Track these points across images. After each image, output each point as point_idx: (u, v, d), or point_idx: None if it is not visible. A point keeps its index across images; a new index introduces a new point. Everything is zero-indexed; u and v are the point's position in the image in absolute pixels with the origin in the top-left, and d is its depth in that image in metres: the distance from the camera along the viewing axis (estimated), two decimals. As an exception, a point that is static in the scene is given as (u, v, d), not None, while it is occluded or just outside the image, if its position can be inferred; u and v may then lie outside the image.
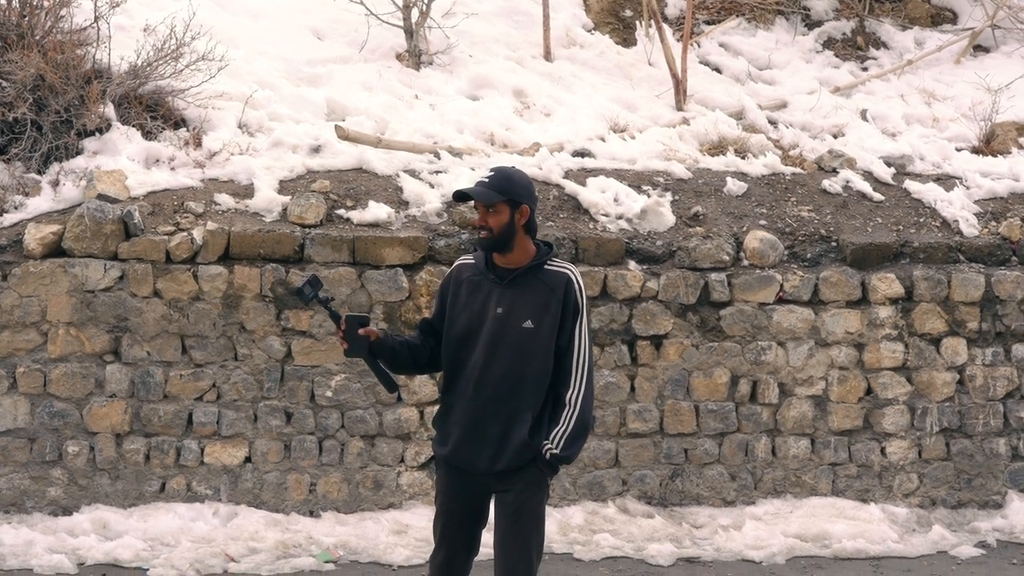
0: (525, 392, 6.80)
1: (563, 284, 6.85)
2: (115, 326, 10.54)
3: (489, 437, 6.81)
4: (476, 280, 6.95)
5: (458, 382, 6.92)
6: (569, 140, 12.66)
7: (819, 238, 11.65)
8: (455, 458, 6.91)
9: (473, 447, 6.84)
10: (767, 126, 13.79)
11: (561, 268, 6.94)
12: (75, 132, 11.37)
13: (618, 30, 16.22)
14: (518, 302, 6.82)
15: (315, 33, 14.53)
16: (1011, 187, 12.69)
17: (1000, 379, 11.56)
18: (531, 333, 6.78)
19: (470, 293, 6.93)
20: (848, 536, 10.69)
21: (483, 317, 6.85)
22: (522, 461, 6.80)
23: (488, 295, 6.88)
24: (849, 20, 16.80)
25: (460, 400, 6.89)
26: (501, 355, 6.80)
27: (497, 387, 6.80)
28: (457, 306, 6.96)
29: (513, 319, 6.80)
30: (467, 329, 6.89)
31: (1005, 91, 14.49)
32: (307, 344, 10.73)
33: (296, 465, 10.72)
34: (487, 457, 6.82)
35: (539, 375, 6.83)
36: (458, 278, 7.02)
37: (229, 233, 10.68)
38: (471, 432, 6.84)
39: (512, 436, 6.79)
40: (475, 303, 6.90)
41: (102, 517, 10.30)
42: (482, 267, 6.96)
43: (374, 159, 11.79)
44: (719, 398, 11.22)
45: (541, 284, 6.85)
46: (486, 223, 6.83)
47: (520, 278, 6.88)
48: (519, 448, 6.78)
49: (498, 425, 6.80)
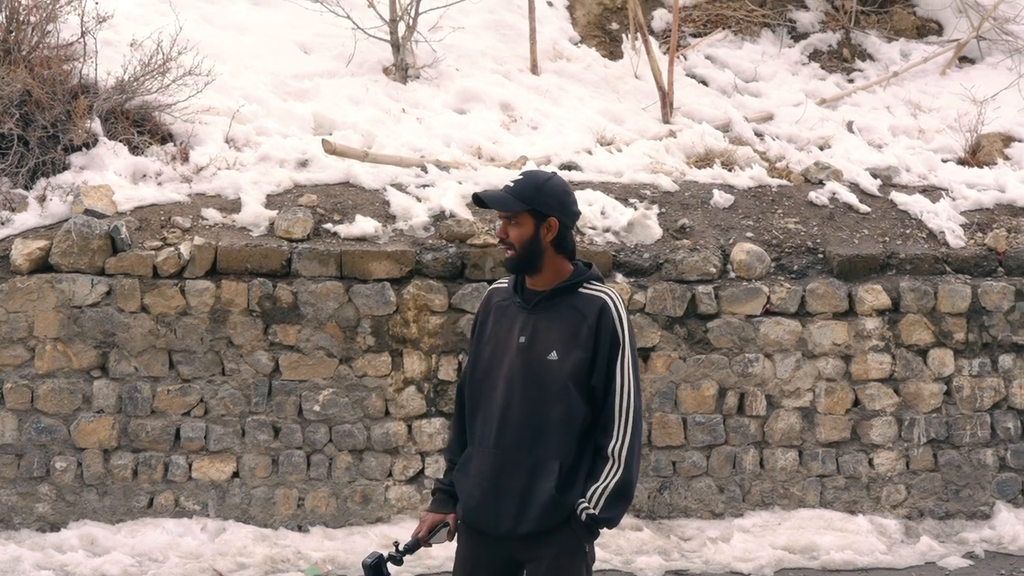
0: (550, 438, 5.77)
1: (596, 310, 5.81)
2: (102, 341, 10.53)
3: (509, 492, 5.80)
4: (504, 305, 6.01)
5: (479, 426, 5.96)
6: (556, 153, 12.67)
7: (806, 250, 11.67)
8: (473, 518, 5.93)
9: (492, 505, 5.83)
10: (754, 138, 13.83)
11: (597, 291, 5.89)
12: (62, 147, 11.36)
13: (605, 43, 16.25)
14: (542, 330, 5.83)
15: (302, 47, 14.55)
16: (997, 198, 12.73)
17: (987, 390, 11.58)
18: (555, 367, 5.77)
19: (496, 321, 6.00)
20: (836, 548, 10.70)
21: (506, 348, 5.89)
22: (550, 523, 5.76)
23: (512, 322, 5.92)
24: (835, 32, 16.84)
25: (479, 448, 5.93)
26: (523, 394, 5.80)
27: (518, 432, 5.80)
28: (484, 337, 6.03)
29: (536, 350, 5.81)
30: (489, 363, 5.94)
31: (991, 102, 14.55)
32: (295, 359, 10.72)
33: (284, 480, 10.71)
34: (509, 517, 5.79)
35: (566, 418, 5.78)
36: (488, 306, 6.10)
37: (216, 248, 10.68)
38: (490, 487, 5.84)
39: (536, 492, 5.76)
40: (500, 332, 5.95)
41: (90, 533, 10.28)
42: (511, 290, 6.03)
43: (361, 173, 11.79)
44: (707, 410, 11.22)
45: (571, 309, 5.84)
46: (506, 235, 5.90)
47: (546, 302, 5.88)
48: (546, 506, 5.74)
49: (519, 478, 5.79)
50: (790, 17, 17.01)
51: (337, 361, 10.77)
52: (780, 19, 16.88)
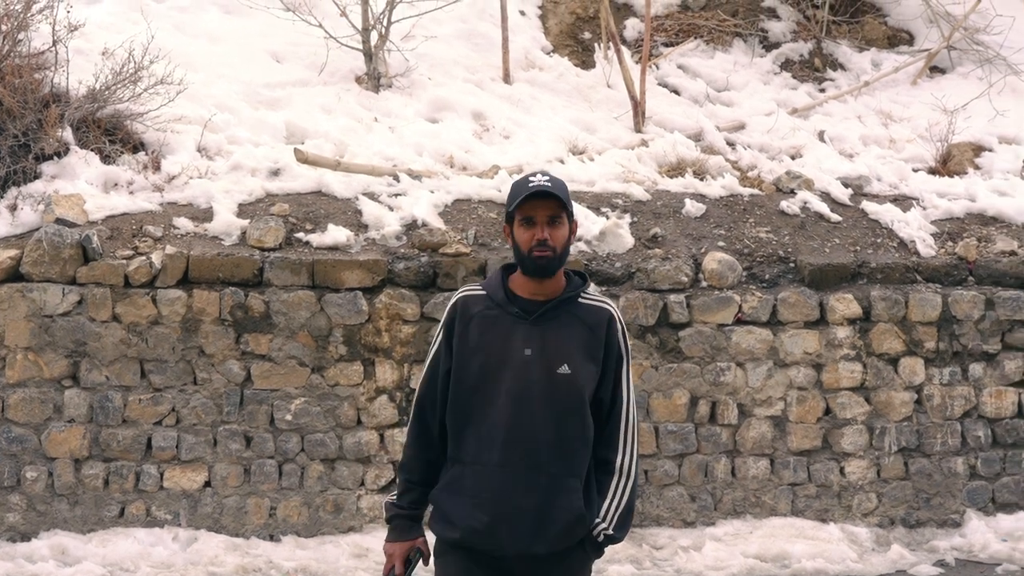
0: (566, 455, 5.54)
1: (605, 323, 5.67)
2: (73, 351, 10.50)
3: (523, 512, 5.47)
4: (492, 315, 5.63)
5: (472, 443, 5.57)
6: (528, 162, 12.68)
7: (777, 259, 11.69)
8: (475, 539, 5.52)
9: (503, 525, 5.47)
10: (725, 148, 13.85)
11: (601, 303, 5.75)
12: (33, 156, 11.34)
13: (577, 52, 16.27)
14: (551, 342, 5.56)
15: (274, 56, 14.53)
16: (967, 207, 12.79)
17: (958, 398, 11.61)
18: (568, 380, 5.53)
19: (485, 331, 5.60)
20: (807, 556, 10.71)
21: (506, 360, 5.54)
22: (571, 541, 5.55)
23: (510, 333, 5.58)
24: (807, 42, 16.89)
25: (476, 466, 5.55)
26: (532, 408, 5.50)
27: (531, 449, 5.49)
28: (467, 348, 5.61)
29: (546, 363, 5.53)
30: (483, 376, 5.55)
31: (961, 112, 14.62)
32: (266, 368, 10.71)
33: (256, 489, 10.69)
34: (525, 535, 5.48)
35: (582, 433, 5.58)
36: (465, 314, 5.67)
37: (188, 257, 10.66)
38: (497, 506, 5.48)
39: (557, 511, 5.49)
40: (493, 342, 5.57)
41: (61, 543, 10.25)
42: (499, 298, 5.66)
43: (333, 182, 11.79)
44: (678, 419, 11.23)
45: (578, 321, 5.63)
46: (548, 237, 5.53)
47: (552, 312, 5.62)
48: (571, 525, 5.52)
49: (533, 497, 5.48)
50: (762, 27, 17.05)
51: (309, 370, 10.76)
52: (752, 29, 16.93)
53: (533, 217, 5.54)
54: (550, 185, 5.52)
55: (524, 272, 5.64)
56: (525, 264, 5.58)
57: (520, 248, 5.58)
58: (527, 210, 5.54)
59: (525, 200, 5.52)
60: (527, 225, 5.55)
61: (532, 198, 5.51)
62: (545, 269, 5.55)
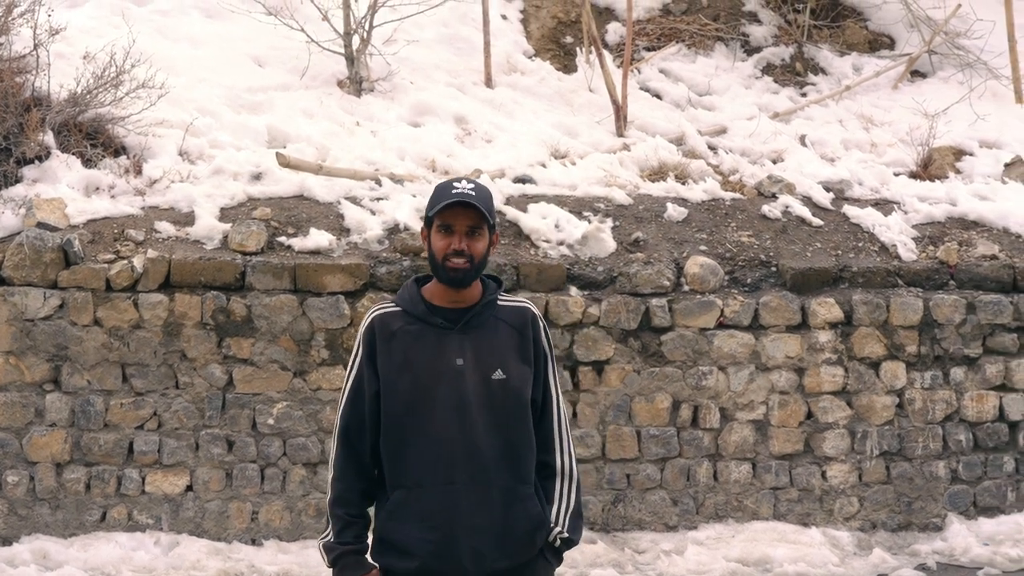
0: (514, 463, 5.38)
1: (528, 323, 5.52)
2: (55, 355, 10.48)
3: (480, 528, 5.28)
4: (413, 329, 5.43)
5: (413, 464, 5.33)
6: (510, 166, 12.67)
7: (759, 263, 11.70)
8: (434, 563, 5.28)
9: (462, 544, 5.27)
10: (707, 152, 13.85)
11: (518, 303, 5.60)
12: (14, 160, 11.31)
13: (559, 56, 16.27)
14: (482, 348, 5.40)
15: (256, 60, 14.51)
16: (948, 211, 12.81)
17: (939, 402, 11.63)
18: (504, 385, 5.37)
19: (409, 346, 5.40)
20: (790, 560, 10.72)
21: (438, 373, 5.35)
22: (533, 550, 5.41)
23: (437, 344, 5.39)
24: (788, 46, 16.91)
25: (421, 488, 5.32)
26: (472, 419, 5.31)
27: (476, 462, 5.30)
28: (394, 366, 5.40)
29: (480, 370, 5.36)
30: (415, 392, 5.33)
31: (942, 116, 14.62)
32: (249, 372, 10.69)
33: (238, 493, 10.68)
34: (487, 551, 5.30)
35: (527, 439, 5.43)
36: (384, 331, 5.46)
37: (170, 261, 10.64)
38: (452, 527, 5.27)
39: (515, 521, 5.35)
40: (421, 357, 5.37)
41: (42, 547, 10.23)
42: (418, 311, 5.46)
43: (315, 186, 11.78)
44: (661, 423, 11.24)
45: (501, 324, 5.48)
46: (466, 249, 5.38)
47: (477, 318, 5.45)
48: (531, 532, 5.40)
49: (487, 511, 5.30)
50: (743, 31, 17.07)
51: (291, 374, 10.75)
52: (733, 33, 16.94)
53: (452, 225, 5.38)
54: (473, 195, 5.37)
55: (439, 280, 5.47)
56: (439, 273, 5.41)
57: (435, 256, 5.42)
58: (447, 217, 5.38)
59: (446, 207, 5.36)
60: (444, 232, 5.39)
61: (453, 206, 5.35)
62: (460, 281, 5.39)
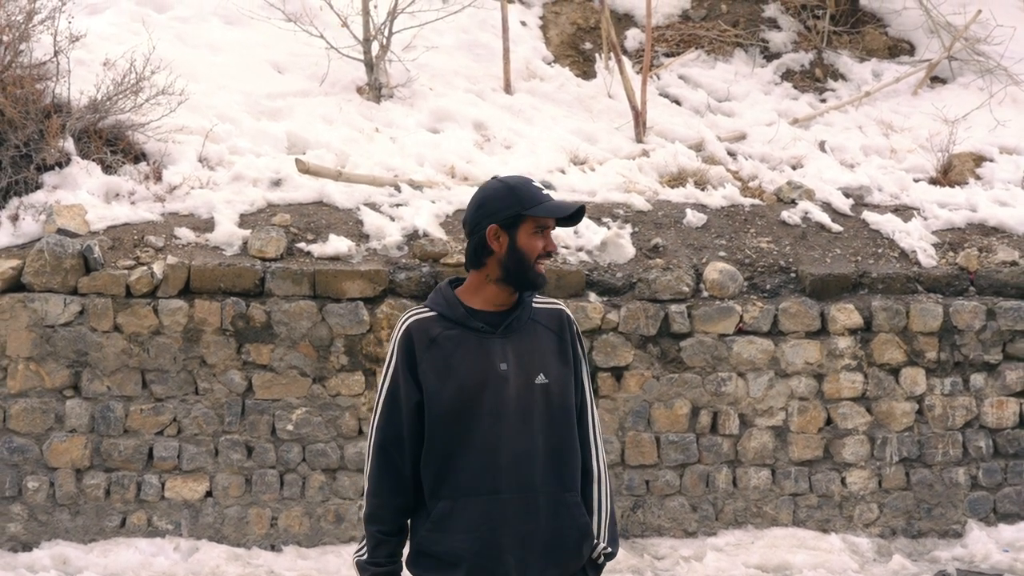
0: (561, 470, 5.15)
1: (564, 324, 5.30)
2: (75, 361, 10.51)
3: (528, 537, 5.06)
4: (453, 334, 5.14)
5: (459, 474, 5.07)
6: (529, 172, 12.57)
7: (778, 269, 11.69)
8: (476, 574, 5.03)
9: (509, 554, 5.04)
10: (726, 158, 13.84)
11: (551, 305, 5.36)
12: (35, 167, 11.34)
13: (578, 63, 16.28)
14: (524, 352, 5.15)
15: (275, 67, 14.53)
16: (968, 217, 12.78)
17: (959, 409, 11.61)
18: (548, 390, 5.12)
19: (451, 353, 5.11)
20: (809, 566, 10.70)
21: (483, 379, 5.08)
22: (581, 560, 5.17)
23: (479, 349, 5.12)
24: (807, 52, 16.90)
25: (467, 498, 5.06)
26: (519, 426, 5.08)
27: (523, 469, 5.07)
28: (437, 375, 5.10)
29: (522, 375, 5.11)
30: (460, 400, 5.05)
31: (962, 122, 14.62)
32: (268, 378, 10.70)
33: (257, 499, 10.69)
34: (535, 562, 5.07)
35: (571, 444, 5.21)
36: (424, 338, 5.15)
37: (189, 267, 10.66)
38: (501, 536, 5.04)
39: (564, 529, 5.13)
40: (465, 363, 5.09)
41: (62, 553, 10.25)
42: (457, 315, 5.17)
43: (334, 192, 11.80)
44: (680, 429, 11.22)
45: (539, 327, 5.23)
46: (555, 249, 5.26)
47: (517, 322, 5.19)
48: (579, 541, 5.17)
49: (536, 520, 5.07)
50: (763, 37, 17.07)
51: (310, 380, 10.76)
52: (753, 39, 16.94)
53: (548, 225, 5.20)
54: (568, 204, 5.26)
55: (515, 283, 5.20)
56: (527, 274, 5.14)
57: (525, 257, 5.14)
58: (544, 219, 5.17)
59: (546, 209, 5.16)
60: (540, 233, 5.17)
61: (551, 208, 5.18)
62: (544, 283, 5.23)
